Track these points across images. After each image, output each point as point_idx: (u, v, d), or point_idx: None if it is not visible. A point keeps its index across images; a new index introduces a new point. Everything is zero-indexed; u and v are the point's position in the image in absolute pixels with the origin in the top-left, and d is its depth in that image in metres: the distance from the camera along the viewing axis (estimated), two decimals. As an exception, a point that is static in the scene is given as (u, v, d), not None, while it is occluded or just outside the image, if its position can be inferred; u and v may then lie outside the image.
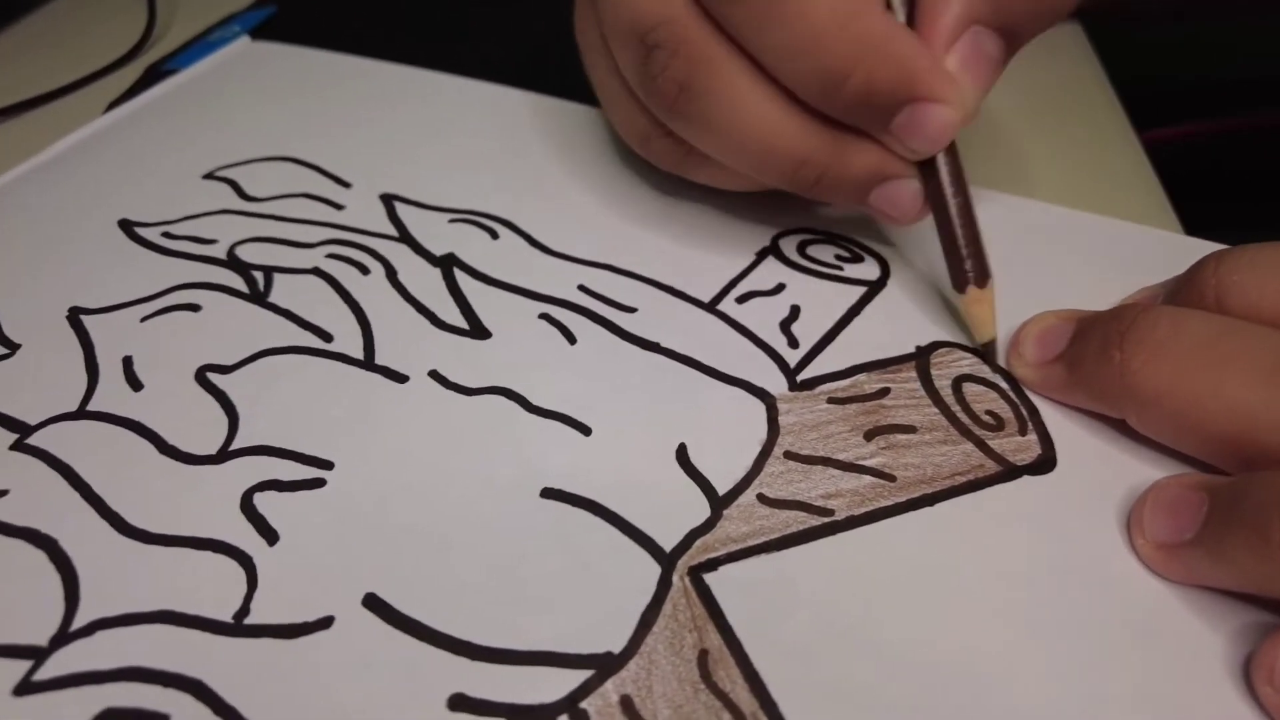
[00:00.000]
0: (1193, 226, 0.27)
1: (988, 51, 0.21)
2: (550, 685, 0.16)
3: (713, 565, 0.18)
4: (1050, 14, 0.22)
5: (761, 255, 0.25)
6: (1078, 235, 0.26)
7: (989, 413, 0.21)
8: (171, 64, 0.36)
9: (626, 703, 0.16)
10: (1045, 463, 0.20)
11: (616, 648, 0.16)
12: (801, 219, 0.27)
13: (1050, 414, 0.21)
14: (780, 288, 0.24)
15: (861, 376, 0.22)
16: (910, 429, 0.21)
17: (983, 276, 0.22)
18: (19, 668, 0.16)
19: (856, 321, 0.24)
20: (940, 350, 0.23)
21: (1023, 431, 0.21)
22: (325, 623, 0.17)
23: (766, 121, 0.21)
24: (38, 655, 0.16)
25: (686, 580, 0.18)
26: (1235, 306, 0.19)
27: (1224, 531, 0.17)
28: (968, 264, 0.22)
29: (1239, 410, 0.17)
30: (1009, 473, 0.20)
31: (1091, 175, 0.30)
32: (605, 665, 0.16)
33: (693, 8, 0.21)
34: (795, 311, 0.24)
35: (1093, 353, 0.20)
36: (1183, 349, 0.18)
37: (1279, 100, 0.43)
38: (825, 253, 0.26)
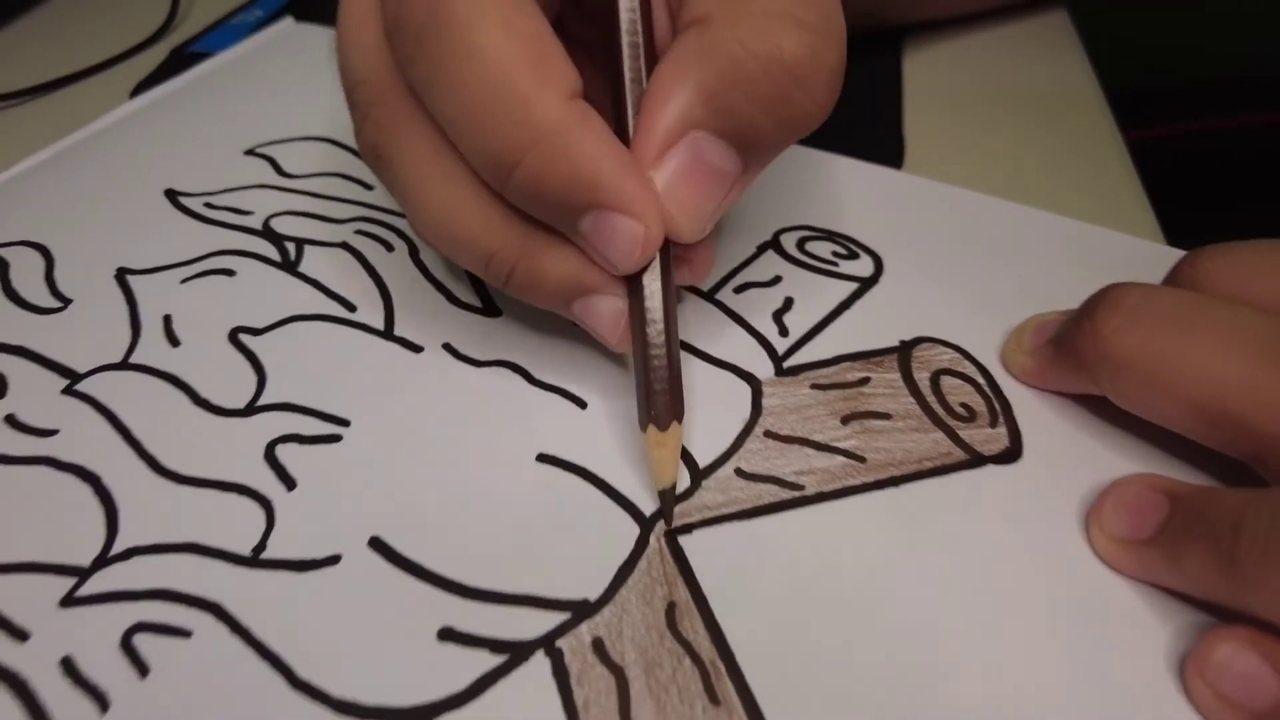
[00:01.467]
0: (1172, 227, 0.28)
1: (713, 163, 0.18)
2: (531, 624, 0.18)
3: (688, 529, 0.19)
4: (794, 126, 0.18)
5: (762, 249, 0.27)
6: (1058, 240, 0.27)
7: (963, 405, 0.22)
8: (197, 46, 0.38)
9: (598, 644, 0.17)
10: (1011, 454, 0.21)
11: (593, 596, 0.18)
12: (803, 217, 0.28)
13: (1022, 410, 0.22)
14: (777, 280, 0.26)
15: (845, 365, 0.23)
16: (885, 416, 0.22)
17: (666, 418, 0.19)
18: (64, 583, 0.18)
19: (846, 314, 0.25)
20: (923, 345, 0.24)
21: (993, 424, 0.22)
22: (333, 560, 0.19)
23: (451, 202, 0.19)
24: (81, 574, 0.18)
25: (662, 541, 0.19)
26: (1210, 293, 0.20)
27: (1183, 538, 0.18)
28: (653, 402, 0.19)
29: (1207, 374, 0.18)
30: (975, 461, 0.21)
31: (1073, 173, 0.31)
32: (581, 610, 0.18)
33: (393, 68, 0.19)
34: (789, 303, 0.25)
35: (1072, 326, 0.21)
36: (1152, 315, 0.19)
37: (1261, 101, 0.44)
38: (824, 249, 0.27)
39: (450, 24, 0.17)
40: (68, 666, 0.17)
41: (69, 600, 0.18)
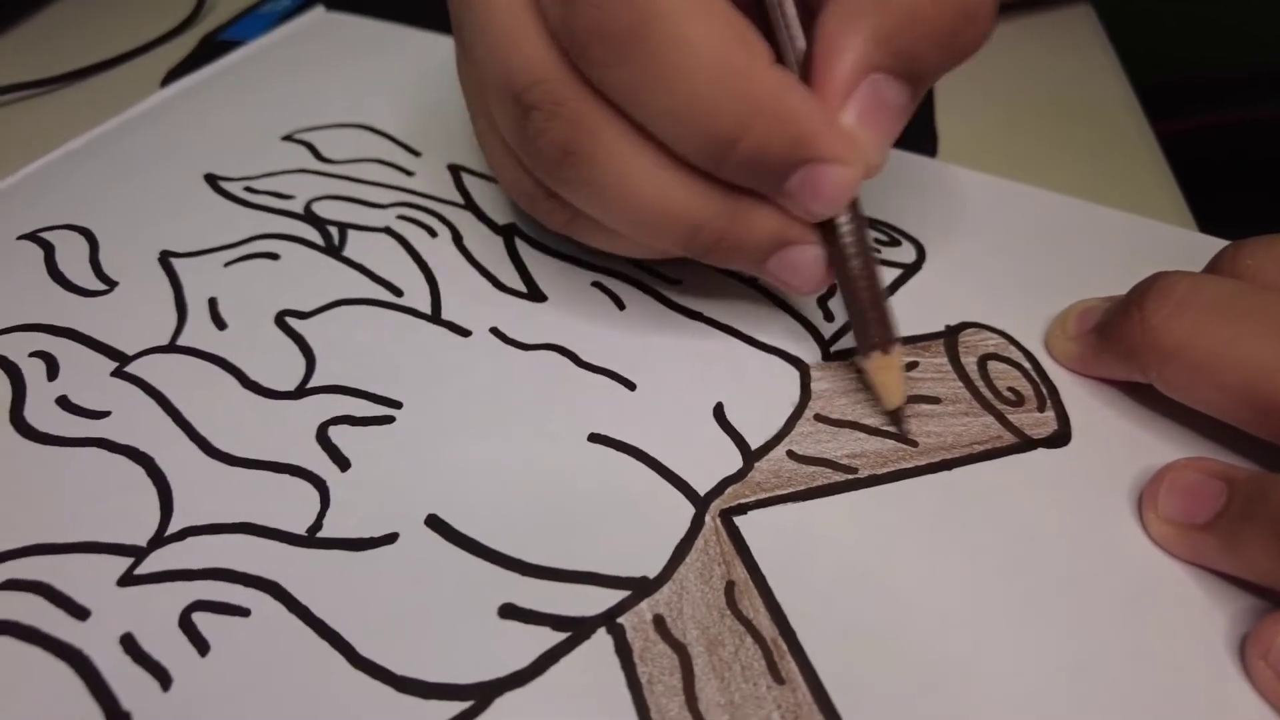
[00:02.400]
0: (1205, 219, 0.28)
1: (890, 101, 0.19)
2: (592, 601, 0.18)
3: (742, 509, 0.19)
4: (960, 54, 0.19)
5: (803, 235, 0.27)
6: (1094, 227, 0.27)
7: (1011, 389, 0.22)
8: (226, 34, 0.38)
9: (659, 621, 0.17)
10: (1060, 437, 0.21)
11: (652, 573, 0.18)
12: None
13: (1070, 394, 0.22)
14: (819, 265, 0.26)
15: (892, 350, 0.23)
16: (935, 400, 0.22)
17: (887, 342, 0.21)
18: (122, 563, 0.18)
19: (890, 300, 0.25)
20: (969, 330, 0.24)
21: (1041, 408, 0.22)
22: (390, 539, 0.19)
23: (656, 186, 0.20)
24: (138, 554, 0.18)
25: (718, 520, 0.19)
26: (1254, 284, 0.20)
27: (1241, 525, 0.18)
28: (872, 329, 0.21)
29: (1254, 363, 0.18)
30: (1025, 444, 0.21)
31: (1102, 165, 0.31)
32: (641, 588, 0.18)
33: (568, 68, 0.19)
34: (832, 289, 0.25)
35: (1118, 314, 0.21)
36: (1201, 304, 0.19)
37: None
38: (864, 236, 0.27)
39: (661, 22, 0.17)
40: (128, 644, 0.17)
41: (127, 579, 0.18)
